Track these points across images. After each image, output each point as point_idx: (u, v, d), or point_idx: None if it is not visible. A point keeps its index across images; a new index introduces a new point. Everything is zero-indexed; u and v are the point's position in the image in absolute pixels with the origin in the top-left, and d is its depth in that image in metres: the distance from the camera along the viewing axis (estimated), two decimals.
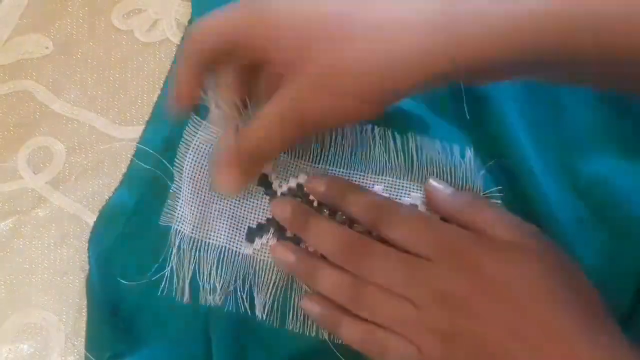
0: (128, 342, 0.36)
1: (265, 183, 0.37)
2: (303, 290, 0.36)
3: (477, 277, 0.30)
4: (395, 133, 0.37)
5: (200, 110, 0.37)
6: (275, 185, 0.37)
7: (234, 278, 0.36)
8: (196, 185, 0.37)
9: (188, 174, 0.37)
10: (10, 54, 0.43)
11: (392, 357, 0.32)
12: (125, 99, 0.42)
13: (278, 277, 0.36)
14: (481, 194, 0.35)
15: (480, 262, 0.31)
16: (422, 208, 0.36)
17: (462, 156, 0.36)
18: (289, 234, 0.36)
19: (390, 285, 0.32)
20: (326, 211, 0.36)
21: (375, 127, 0.37)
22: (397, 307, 0.32)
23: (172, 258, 0.36)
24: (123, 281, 0.36)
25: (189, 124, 0.37)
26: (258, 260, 0.37)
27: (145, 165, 0.39)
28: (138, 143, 0.40)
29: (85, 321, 0.37)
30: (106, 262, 0.37)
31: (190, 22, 0.43)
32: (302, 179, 0.37)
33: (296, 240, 0.36)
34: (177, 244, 0.37)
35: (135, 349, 0.36)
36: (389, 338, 0.32)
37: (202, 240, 0.37)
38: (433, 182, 0.35)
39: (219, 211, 0.37)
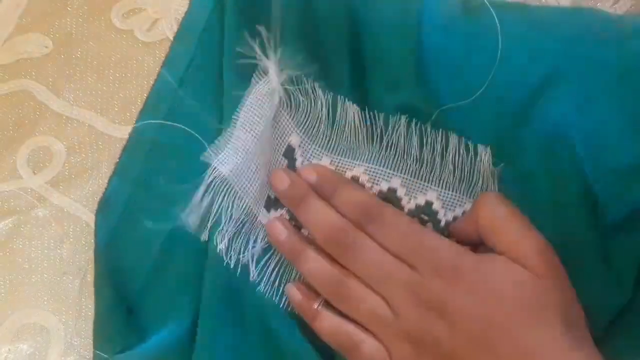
0: (136, 332, 0.36)
1: (290, 156, 0.37)
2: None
3: (455, 288, 0.30)
4: (419, 124, 0.37)
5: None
6: (298, 162, 0.37)
7: (247, 239, 0.36)
8: (246, 135, 0.36)
9: (242, 121, 0.37)
10: (9, 54, 0.43)
11: (361, 355, 0.32)
12: (125, 98, 0.42)
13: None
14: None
15: (460, 273, 0.31)
16: (437, 205, 0.36)
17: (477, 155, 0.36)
18: None
19: (370, 281, 0.32)
20: None
21: (399, 115, 0.37)
22: (374, 306, 0.32)
23: (203, 189, 0.36)
24: (152, 223, 0.36)
25: (254, 73, 0.37)
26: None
27: (150, 135, 0.38)
28: (129, 136, 0.39)
29: (93, 318, 0.37)
30: (109, 248, 0.37)
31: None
32: (324, 162, 0.37)
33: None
34: (211, 180, 0.36)
35: (141, 339, 0.36)
36: (360, 335, 0.32)
37: (233, 188, 0.36)
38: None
39: (255, 170, 0.37)
